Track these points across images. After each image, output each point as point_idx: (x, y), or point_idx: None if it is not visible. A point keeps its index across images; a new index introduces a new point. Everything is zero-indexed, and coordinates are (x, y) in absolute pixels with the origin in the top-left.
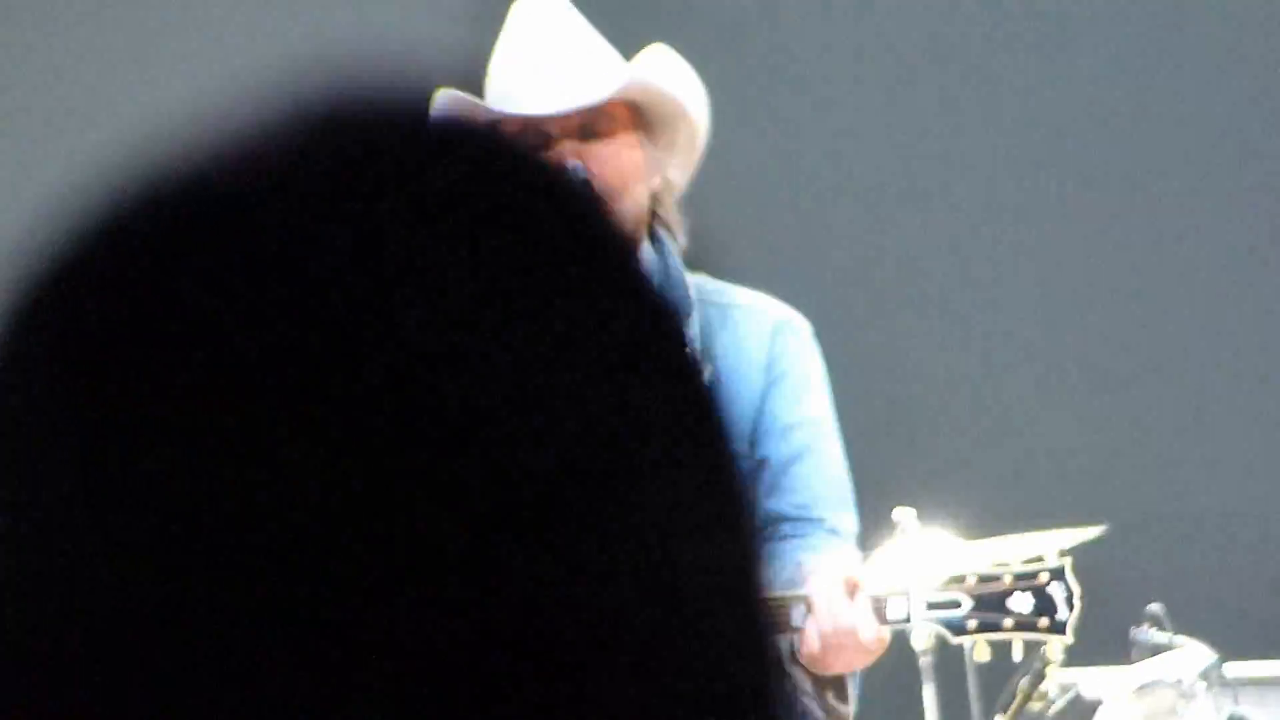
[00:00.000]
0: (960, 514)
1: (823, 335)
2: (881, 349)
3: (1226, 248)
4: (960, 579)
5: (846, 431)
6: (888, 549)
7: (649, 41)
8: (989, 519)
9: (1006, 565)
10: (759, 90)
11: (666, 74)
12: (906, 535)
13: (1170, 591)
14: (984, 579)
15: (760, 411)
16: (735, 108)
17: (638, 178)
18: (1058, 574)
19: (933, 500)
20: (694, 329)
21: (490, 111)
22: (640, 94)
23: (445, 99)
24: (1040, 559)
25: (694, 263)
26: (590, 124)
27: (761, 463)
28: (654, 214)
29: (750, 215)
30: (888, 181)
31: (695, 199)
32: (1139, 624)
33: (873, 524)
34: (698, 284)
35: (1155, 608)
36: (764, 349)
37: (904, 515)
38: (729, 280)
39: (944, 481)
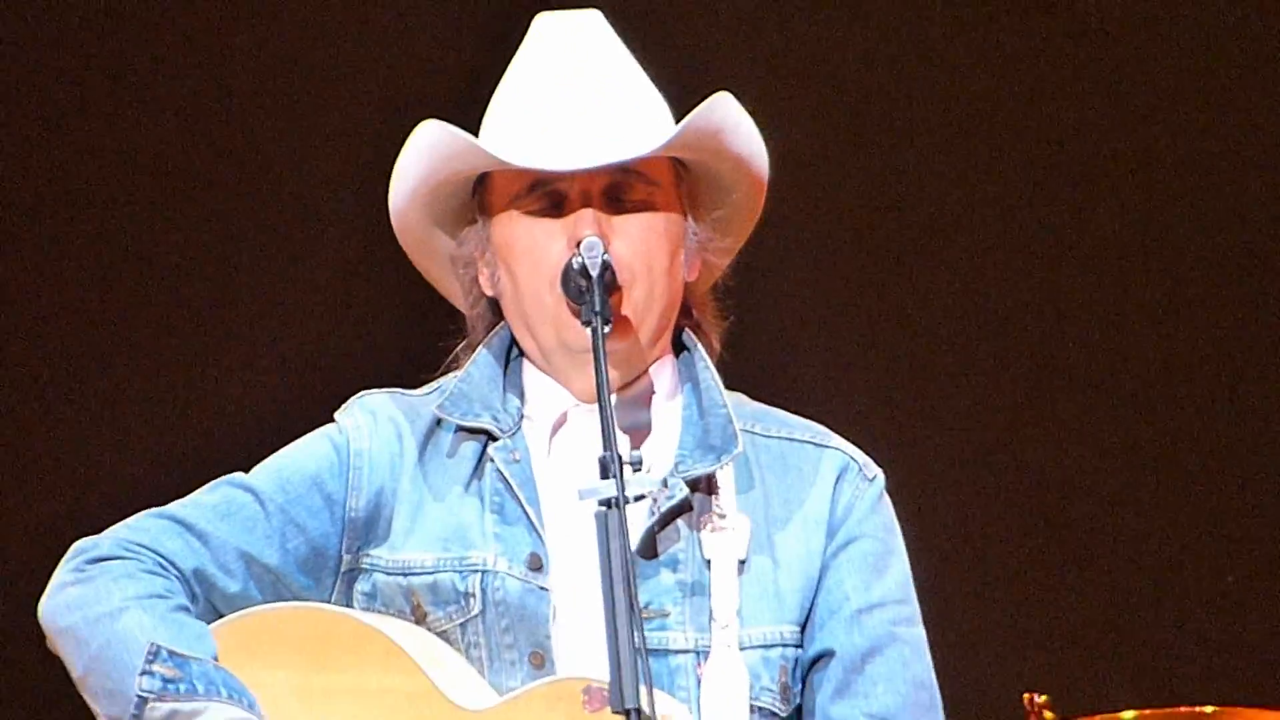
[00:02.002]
0: None
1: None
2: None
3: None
4: None
5: None
6: None
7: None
8: None
9: None
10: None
11: (728, 129)
12: None
13: None
14: None
15: (822, 585)
16: None
17: (672, 262)
18: None
19: None
20: (732, 469)
21: (490, 159)
22: (694, 152)
23: (431, 137)
24: None
25: (729, 369)
26: (621, 187)
27: (826, 656)
28: (687, 310)
29: None
30: None
31: None
32: None
33: None
34: (739, 408)
35: None
36: (825, 500)
37: None
38: (771, 400)
39: None
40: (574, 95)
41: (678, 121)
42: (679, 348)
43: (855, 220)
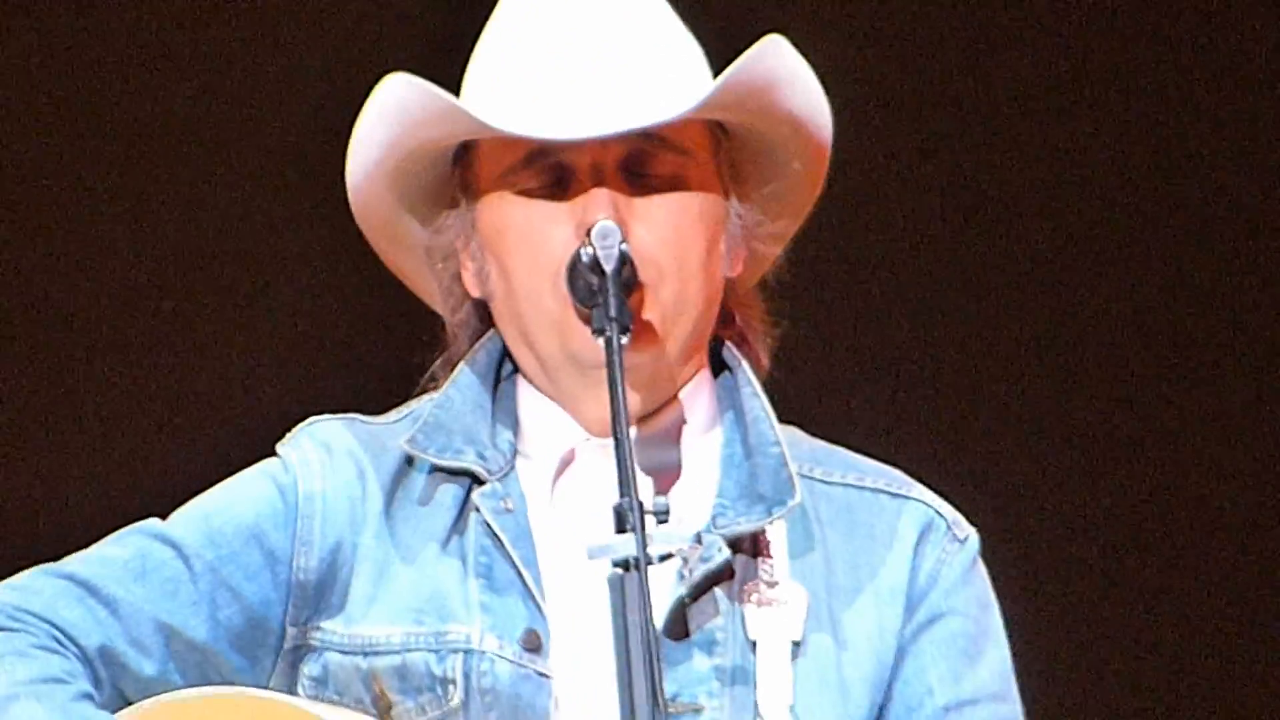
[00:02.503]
0: None
1: None
2: None
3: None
4: None
5: None
6: None
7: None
8: None
9: None
10: None
11: (781, 81)
12: None
13: None
14: None
15: (899, 675)
16: None
17: (709, 254)
18: None
19: None
20: (785, 524)
21: (474, 124)
22: (738, 112)
23: (398, 96)
24: None
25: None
26: (644, 159)
27: None
28: (727, 315)
29: None
30: None
31: None
32: None
33: None
34: (794, 446)
35: None
36: (904, 565)
37: None
38: (827, 437)
39: None
40: (581, 43)
41: (716, 75)
42: (718, 366)
43: (924, 210)
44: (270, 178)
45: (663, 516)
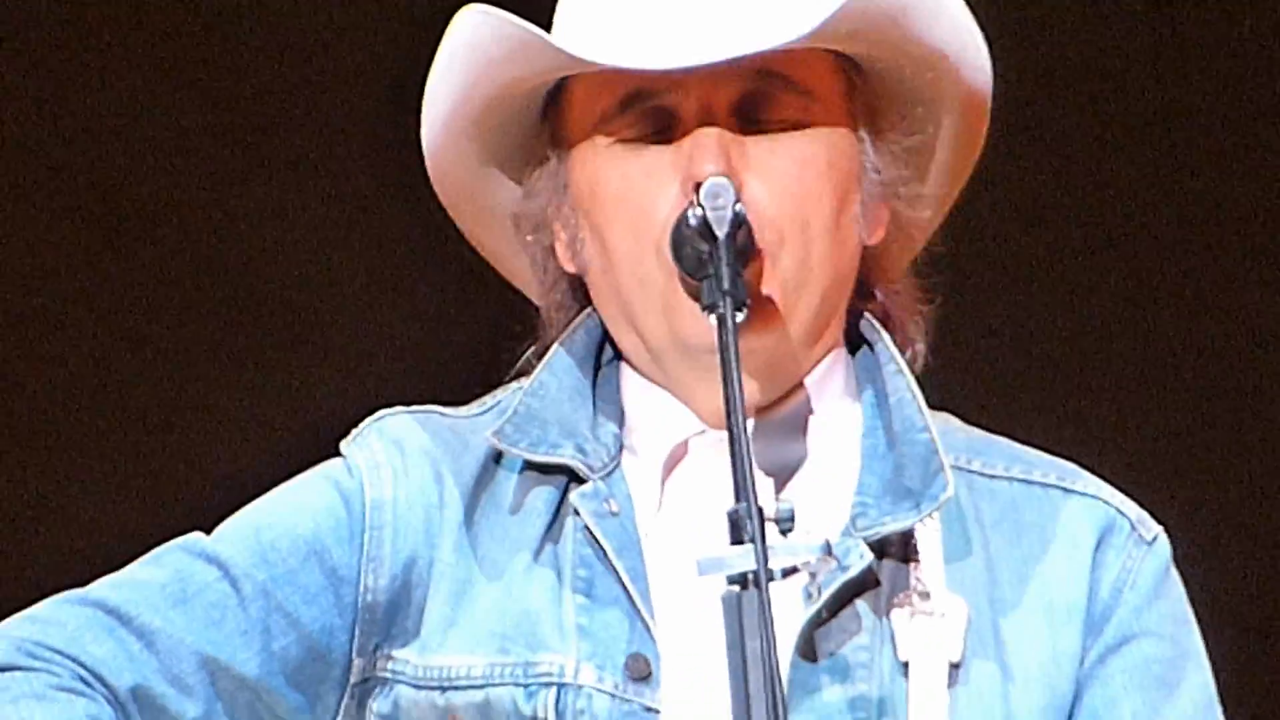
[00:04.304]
0: None
1: None
2: None
3: None
4: None
5: None
6: None
7: None
8: None
9: None
10: None
11: (918, 7)
12: None
13: None
14: None
15: (1083, 706)
16: None
17: (840, 215)
18: None
19: None
20: (939, 524)
21: (562, 58)
22: (869, 44)
23: (474, 32)
24: None
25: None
26: (761, 100)
27: None
28: (867, 294)
29: None
30: None
31: None
32: None
33: None
34: (947, 434)
35: None
36: (1082, 575)
37: None
38: (986, 428)
39: None
40: None
41: None
42: (854, 344)
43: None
44: (335, 149)
45: (786, 524)
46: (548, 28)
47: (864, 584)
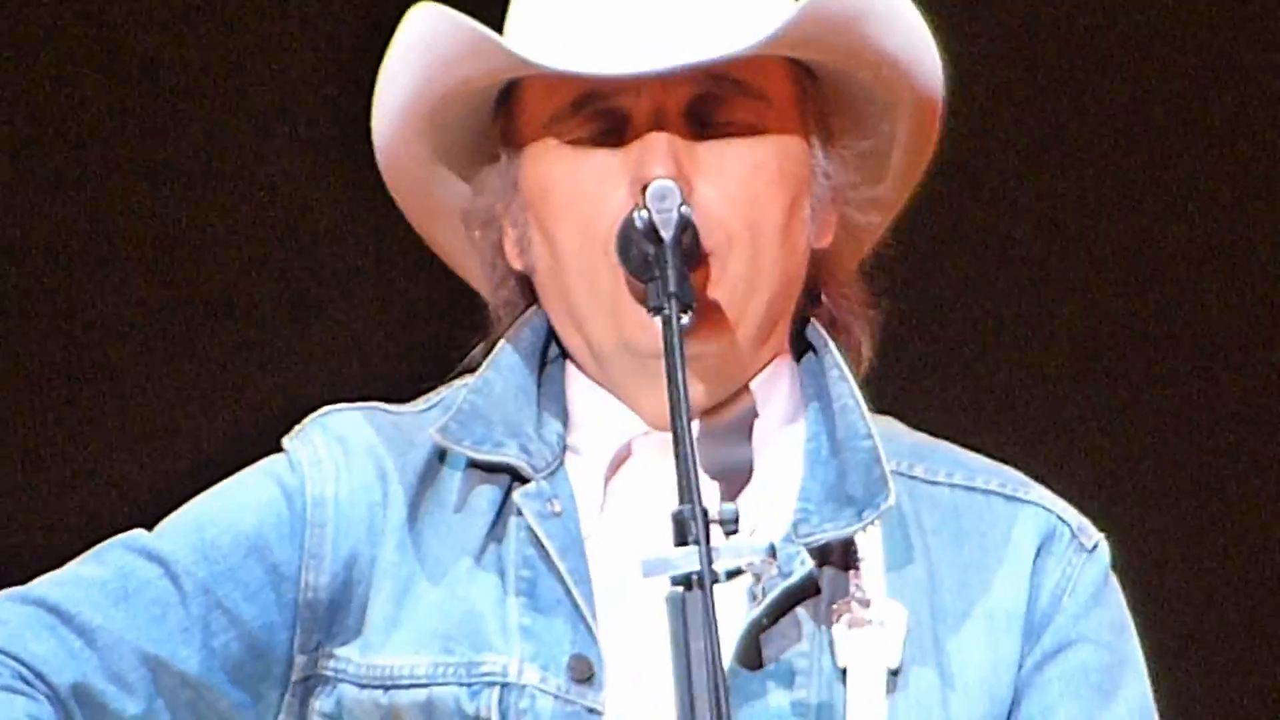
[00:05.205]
0: None
1: None
2: None
3: None
4: None
5: None
6: None
7: None
8: None
9: None
10: None
11: (872, 12)
12: None
13: None
14: None
15: (1020, 714)
16: None
17: (790, 218)
18: None
19: None
20: (880, 531)
21: (513, 60)
22: (822, 50)
23: (427, 30)
24: None
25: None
26: (712, 103)
27: None
28: (814, 297)
29: None
30: None
31: None
32: None
33: None
34: (891, 441)
35: None
36: (1022, 581)
37: None
38: (930, 430)
39: None
40: None
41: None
42: (800, 348)
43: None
44: (293, 143)
45: (731, 525)
46: (500, 25)
47: (805, 591)
